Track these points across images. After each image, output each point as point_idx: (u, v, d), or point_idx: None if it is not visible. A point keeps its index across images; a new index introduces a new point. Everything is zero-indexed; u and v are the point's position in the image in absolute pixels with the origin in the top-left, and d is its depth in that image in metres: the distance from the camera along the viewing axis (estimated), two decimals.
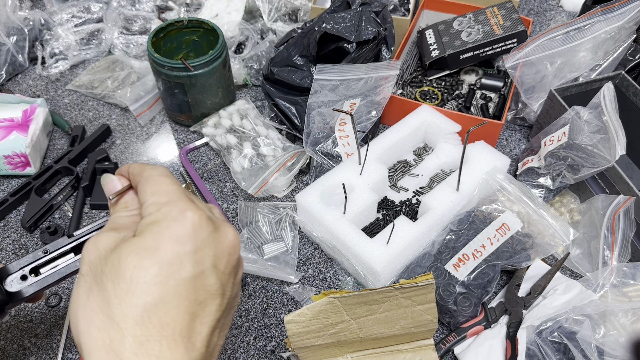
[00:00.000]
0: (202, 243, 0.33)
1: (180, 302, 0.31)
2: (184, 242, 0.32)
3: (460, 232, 0.77)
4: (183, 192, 0.35)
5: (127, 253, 0.32)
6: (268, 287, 0.79)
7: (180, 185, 0.37)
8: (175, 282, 0.31)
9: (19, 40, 1.10)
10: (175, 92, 0.93)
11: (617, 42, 0.93)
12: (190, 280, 0.32)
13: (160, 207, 0.34)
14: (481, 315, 0.72)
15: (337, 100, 0.90)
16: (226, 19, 1.12)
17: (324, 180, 0.82)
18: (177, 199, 0.34)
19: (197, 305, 0.32)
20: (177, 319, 0.31)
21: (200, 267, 0.32)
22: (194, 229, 0.33)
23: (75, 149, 0.95)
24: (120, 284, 0.31)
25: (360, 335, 0.63)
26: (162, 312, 0.30)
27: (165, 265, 0.31)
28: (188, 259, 0.32)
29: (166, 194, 0.35)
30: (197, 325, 0.32)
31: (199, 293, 0.32)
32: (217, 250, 0.34)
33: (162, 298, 0.31)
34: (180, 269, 0.32)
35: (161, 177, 0.36)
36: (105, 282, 0.31)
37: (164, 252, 0.32)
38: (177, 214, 0.33)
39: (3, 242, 0.84)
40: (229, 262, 0.35)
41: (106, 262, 0.32)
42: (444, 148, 0.88)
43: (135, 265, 0.31)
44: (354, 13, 0.94)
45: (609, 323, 0.68)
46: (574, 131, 0.80)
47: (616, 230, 0.75)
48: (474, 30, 1.01)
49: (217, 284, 0.33)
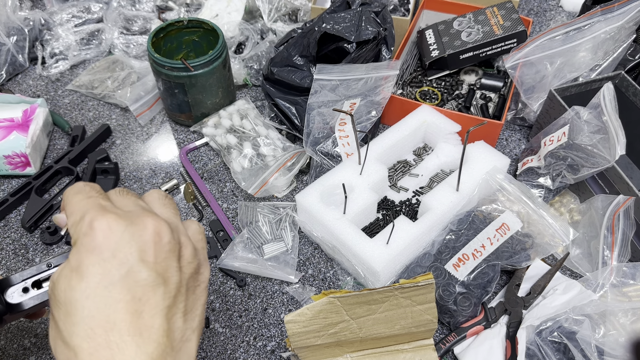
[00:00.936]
0: (118, 244, 0.34)
1: (117, 306, 0.32)
2: (99, 251, 0.33)
3: (460, 232, 0.77)
4: (93, 201, 0.36)
5: (58, 279, 0.34)
6: (268, 287, 0.79)
7: (93, 195, 0.37)
8: (104, 290, 0.32)
9: (19, 40, 1.10)
10: (175, 92, 0.93)
11: (617, 42, 0.93)
12: (118, 283, 0.33)
13: (74, 227, 0.35)
14: (481, 315, 0.72)
15: (337, 100, 0.90)
16: (226, 19, 1.12)
17: (324, 180, 0.82)
18: (85, 213, 0.35)
19: (136, 302, 0.33)
20: (120, 321, 0.32)
21: (125, 267, 0.33)
22: (105, 236, 0.34)
23: (76, 149, 0.95)
24: (61, 309, 0.33)
25: (360, 335, 0.63)
26: (103, 321, 0.32)
27: (89, 278, 0.33)
28: (109, 264, 0.33)
29: (78, 212, 0.36)
30: (145, 319, 0.33)
31: (134, 290, 0.33)
32: (138, 244, 0.34)
33: (97, 308, 0.32)
34: (104, 276, 0.33)
35: (75, 196, 0.37)
36: (55, 312, 0.34)
37: (84, 267, 0.33)
38: (86, 228, 0.34)
39: (3, 242, 0.84)
40: (158, 249, 0.35)
41: (52, 295, 0.35)
42: (443, 148, 0.88)
43: (65, 287, 0.33)
44: (354, 13, 0.94)
45: (608, 323, 0.68)
46: (574, 131, 0.80)
47: (616, 230, 0.75)
48: (474, 31, 1.01)
49: (152, 275, 0.34)
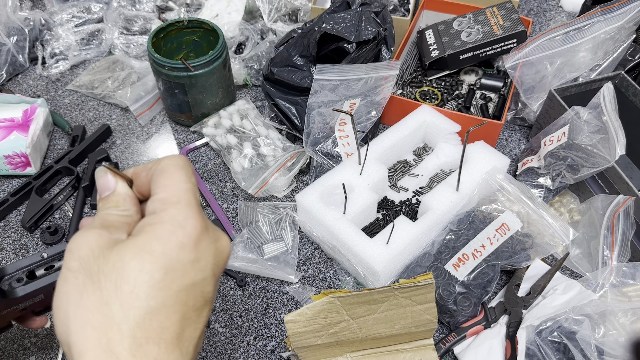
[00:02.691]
0: (204, 252, 0.33)
1: (181, 308, 0.32)
2: (189, 251, 0.32)
3: (460, 232, 0.77)
4: (193, 195, 0.35)
5: (132, 256, 0.31)
6: (268, 287, 0.79)
7: (193, 183, 0.36)
8: (178, 288, 0.32)
9: (20, 40, 1.10)
10: (175, 92, 0.93)
11: (617, 42, 0.93)
12: (191, 287, 0.32)
13: (167, 207, 0.33)
14: (481, 315, 0.72)
15: (337, 100, 0.90)
16: (226, 19, 1.12)
17: (324, 180, 0.82)
18: (186, 203, 0.34)
19: (194, 311, 0.33)
20: (177, 323, 0.31)
21: (201, 275, 0.33)
22: (198, 239, 0.33)
23: (76, 149, 0.95)
24: (123, 285, 0.30)
25: (360, 335, 0.63)
26: (164, 316, 0.31)
27: (170, 271, 0.31)
28: (191, 267, 0.32)
29: (176, 194, 0.34)
30: (192, 330, 0.33)
31: (197, 300, 0.33)
32: (216, 259, 0.34)
33: (164, 302, 0.31)
34: (184, 275, 0.32)
35: (177, 171, 0.35)
36: (104, 282, 0.31)
37: (169, 258, 0.32)
38: (183, 219, 0.33)
39: (3, 242, 0.84)
40: (222, 270, 0.36)
41: (105, 262, 0.31)
42: (443, 148, 0.88)
43: (140, 268, 0.31)
44: (354, 13, 0.94)
45: (608, 323, 0.68)
46: (574, 131, 0.80)
47: (616, 230, 0.75)
48: (474, 31, 1.01)
49: (213, 291, 0.34)
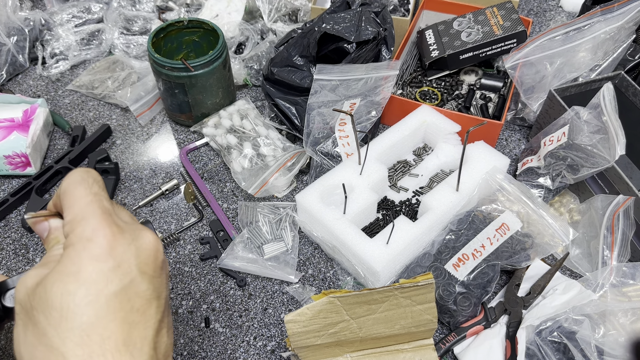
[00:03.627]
0: (123, 255, 0.33)
1: (117, 315, 0.32)
2: (104, 259, 0.33)
3: (460, 232, 0.77)
4: (97, 204, 0.35)
5: (52, 283, 0.32)
6: (268, 287, 0.79)
7: (95, 193, 0.36)
8: (106, 298, 0.32)
9: (20, 40, 1.10)
10: (175, 92, 0.93)
11: (617, 42, 0.93)
12: (120, 292, 0.32)
13: (74, 227, 0.34)
14: (481, 315, 0.72)
15: (337, 100, 0.90)
16: (226, 20, 1.12)
17: (324, 180, 0.82)
18: (90, 216, 0.34)
19: (134, 312, 0.33)
20: (117, 330, 0.32)
21: (127, 278, 0.33)
22: (111, 246, 0.33)
23: (76, 149, 0.95)
24: (52, 313, 0.31)
25: (360, 335, 0.63)
26: (101, 328, 0.31)
27: (91, 285, 0.32)
28: (113, 274, 0.33)
29: (80, 211, 0.35)
30: (140, 331, 0.33)
31: (134, 301, 0.33)
32: (140, 257, 0.34)
33: (96, 315, 0.31)
34: (107, 284, 0.32)
35: (75, 188, 0.36)
36: (37, 315, 0.32)
37: (85, 273, 0.32)
38: (90, 233, 0.33)
39: (3, 242, 0.84)
40: (156, 264, 0.35)
41: (34, 297, 0.33)
42: (443, 148, 0.88)
43: (62, 292, 0.32)
44: (354, 13, 0.94)
45: (608, 323, 0.68)
46: (574, 131, 0.80)
47: (616, 230, 0.75)
48: (474, 31, 1.01)
49: (151, 288, 0.34)
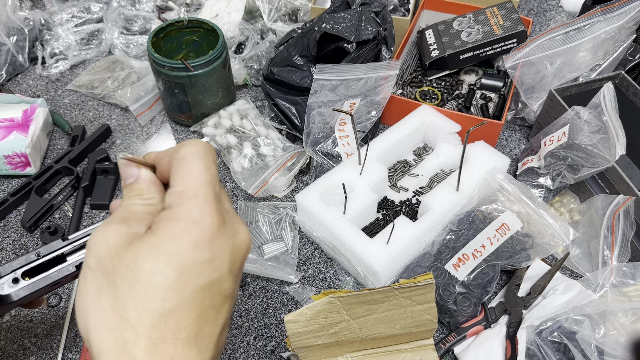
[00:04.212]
0: (220, 249, 0.32)
1: (198, 307, 0.31)
2: (203, 249, 0.32)
3: (460, 232, 0.77)
4: (211, 188, 0.34)
5: (145, 257, 0.31)
6: (268, 287, 0.79)
7: (212, 174, 0.34)
8: (194, 289, 0.31)
9: (19, 40, 1.10)
10: (175, 92, 0.93)
11: (617, 42, 0.93)
12: (208, 287, 0.32)
13: (182, 202, 0.32)
14: (481, 315, 0.72)
15: (337, 100, 0.90)
16: (226, 19, 1.12)
17: (324, 180, 0.82)
18: (202, 198, 0.33)
19: (212, 309, 0.32)
20: (194, 322, 0.31)
21: (218, 274, 0.32)
22: (213, 236, 0.32)
23: (76, 149, 0.95)
24: (137, 287, 0.30)
25: (360, 335, 0.63)
26: (179, 317, 0.30)
27: (184, 271, 0.31)
28: (207, 266, 0.32)
29: (193, 187, 0.33)
30: (210, 327, 0.32)
31: (215, 298, 0.32)
32: (233, 255, 0.33)
33: (179, 303, 0.30)
34: (199, 275, 0.31)
35: (195, 161, 0.34)
36: (119, 283, 0.31)
37: (182, 258, 0.31)
38: (198, 216, 0.32)
39: (3, 242, 0.84)
40: (242, 264, 0.35)
41: (120, 262, 0.31)
42: (443, 148, 0.88)
43: (154, 270, 0.30)
44: (354, 13, 0.94)
45: (608, 323, 0.68)
46: (574, 131, 0.80)
47: (616, 230, 0.75)
48: (474, 31, 1.01)
49: (232, 287, 0.34)
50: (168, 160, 0.36)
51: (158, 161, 0.37)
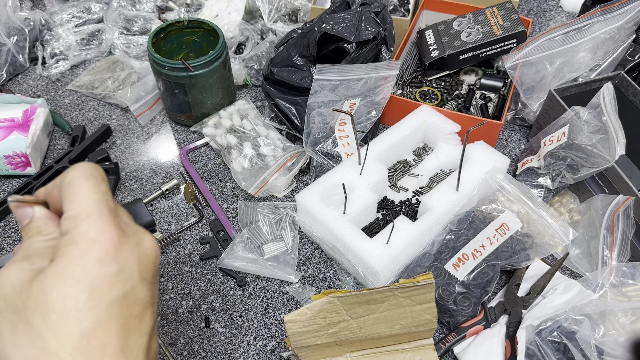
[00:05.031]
0: (126, 260, 0.33)
1: (117, 321, 0.31)
2: (108, 264, 0.32)
3: (459, 232, 0.77)
4: (104, 204, 0.34)
5: (52, 285, 0.31)
6: (268, 287, 0.79)
7: (103, 192, 0.34)
8: (108, 304, 0.31)
9: (20, 40, 1.10)
10: (175, 92, 0.93)
11: (617, 42, 0.93)
12: (122, 299, 0.32)
13: (78, 224, 0.33)
14: (481, 314, 0.72)
15: (337, 100, 0.90)
16: (226, 20, 1.12)
17: (324, 180, 0.82)
18: (97, 216, 0.33)
19: (133, 319, 0.32)
20: (117, 337, 0.31)
21: (129, 284, 0.32)
22: (116, 249, 0.32)
23: (76, 149, 0.95)
24: (51, 316, 0.30)
25: (360, 335, 0.63)
26: (101, 334, 0.31)
27: (94, 289, 0.31)
28: (116, 279, 0.32)
29: (85, 208, 0.33)
30: (136, 338, 0.32)
31: (133, 308, 0.32)
32: (141, 263, 0.34)
33: (97, 321, 0.31)
34: (110, 290, 0.31)
35: (83, 183, 0.34)
36: (31, 317, 0.31)
37: (89, 277, 0.31)
38: (96, 234, 0.32)
39: (3, 242, 0.84)
40: (154, 270, 0.35)
41: (27, 297, 0.31)
42: (443, 148, 0.88)
43: (64, 295, 0.30)
44: (354, 13, 0.94)
45: (608, 323, 0.68)
46: (574, 131, 0.80)
47: (615, 230, 0.75)
48: (474, 31, 1.01)
49: (148, 295, 0.34)
50: (57, 191, 0.36)
51: (48, 195, 0.37)
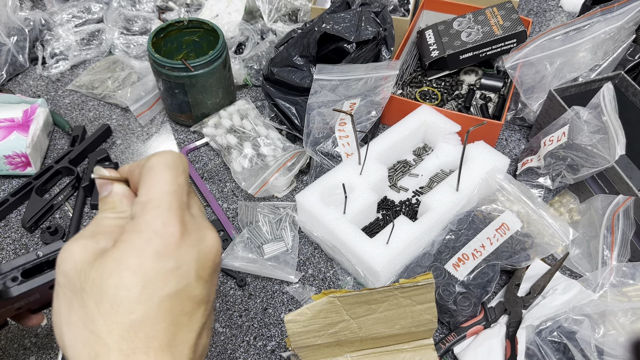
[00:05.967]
0: (185, 257, 0.32)
1: (166, 316, 0.31)
2: (166, 259, 0.32)
3: (460, 232, 0.77)
4: (176, 197, 0.34)
5: (109, 272, 0.31)
6: (268, 287, 0.79)
7: (179, 184, 0.34)
8: (160, 299, 0.31)
9: (20, 40, 1.10)
10: (175, 92, 0.93)
11: (617, 42, 0.93)
12: (174, 295, 0.32)
13: (145, 212, 0.33)
14: (481, 314, 0.72)
15: (337, 100, 0.90)
16: (226, 20, 1.12)
17: (324, 180, 0.82)
18: (166, 207, 0.33)
19: (183, 316, 0.32)
20: (164, 331, 0.31)
21: (184, 281, 0.32)
22: (176, 245, 0.32)
23: (76, 149, 0.95)
24: (103, 302, 0.31)
25: (360, 335, 0.63)
26: (149, 327, 0.31)
27: (148, 283, 0.31)
28: (171, 275, 0.32)
29: (158, 197, 0.33)
30: (184, 333, 0.32)
31: (185, 305, 0.32)
32: (200, 262, 0.33)
33: (147, 314, 0.31)
34: (164, 285, 0.31)
35: (163, 171, 0.34)
36: (86, 299, 0.31)
37: (145, 270, 0.31)
38: (160, 226, 0.32)
39: (3, 242, 0.84)
40: (213, 269, 0.35)
41: (85, 279, 0.32)
42: (443, 148, 0.88)
43: (118, 284, 0.31)
44: (354, 13, 0.94)
45: (608, 323, 0.68)
46: (574, 131, 0.80)
47: (615, 230, 0.75)
48: (474, 31, 1.01)
49: (203, 293, 0.34)
50: (139, 172, 0.36)
51: (130, 173, 0.37)
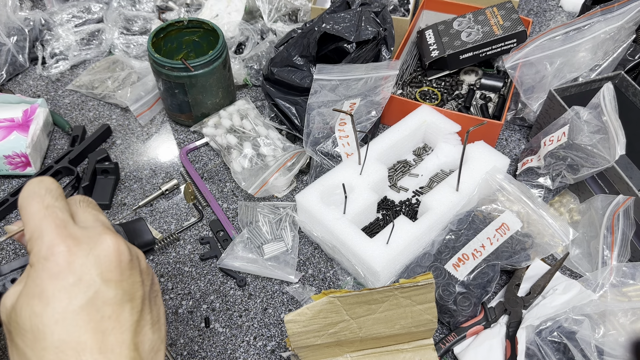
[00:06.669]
0: (82, 267, 0.33)
1: (87, 327, 0.32)
2: (63, 276, 0.33)
3: (460, 232, 0.77)
4: (51, 217, 0.34)
5: (21, 306, 0.33)
6: (268, 287, 0.79)
7: (48, 205, 0.35)
8: (73, 313, 0.32)
9: (20, 40, 1.10)
10: (175, 92, 0.93)
11: (617, 42, 0.93)
12: (87, 305, 0.33)
13: (32, 245, 0.34)
14: (481, 315, 0.72)
15: (337, 100, 0.90)
16: (226, 19, 1.12)
17: (324, 180, 0.82)
18: (44, 232, 0.34)
19: (106, 320, 0.33)
20: (91, 340, 0.32)
21: (92, 289, 0.33)
22: (67, 261, 0.33)
23: (76, 149, 0.95)
24: (26, 335, 0.32)
25: (360, 335, 0.63)
26: (74, 342, 0.32)
27: (55, 303, 0.32)
28: (75, 288, 0.33)
29: (35, 227, 0.34)
30: (116, 336, 0.33)
31: (103, 310, 0.33)
32: (101, 265, 0.34)
33: (67, 331, 0.32)
34: (71, 300, 0.32)
35: (29, 203, 0.35)
36: (15, 338, 0.33)
37: (48, 294, 0.32)
38: (46, 251, 0.33)
39: (3, 242, 0.84)
40: (121, 268, 0.35)
41: (10, 321, 0.34)
42: (443, 148, 0.88)
43: (30, 315, 0.32)
44: (354, 13, 0.94)
45: (608, 323, 0.68)
46: (574, 131, 0.80)
47: (615, 230, 0.75)
48: (474, 31, 1.01)
49: (119, 293, 0.34)
50: None
51: None
